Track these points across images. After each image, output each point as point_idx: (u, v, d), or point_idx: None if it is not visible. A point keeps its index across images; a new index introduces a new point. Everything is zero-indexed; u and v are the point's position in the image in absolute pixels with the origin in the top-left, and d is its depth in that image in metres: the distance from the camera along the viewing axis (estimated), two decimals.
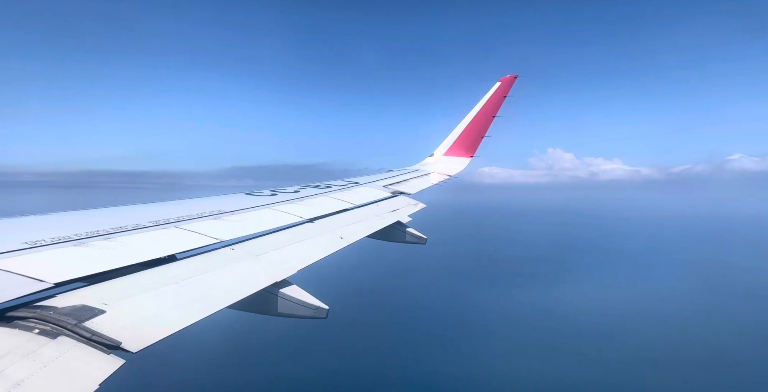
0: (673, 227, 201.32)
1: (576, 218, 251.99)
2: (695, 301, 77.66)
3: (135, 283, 2.98)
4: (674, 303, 76.37)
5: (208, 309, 2.89)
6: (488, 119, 12.49)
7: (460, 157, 12.79)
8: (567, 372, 50.46)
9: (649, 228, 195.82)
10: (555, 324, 65.63)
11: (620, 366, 51.80)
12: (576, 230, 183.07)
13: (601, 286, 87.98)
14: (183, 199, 5.77)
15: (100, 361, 2.11)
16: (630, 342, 58.82)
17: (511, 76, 12.65)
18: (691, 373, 49.89)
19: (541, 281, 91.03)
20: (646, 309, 73.19)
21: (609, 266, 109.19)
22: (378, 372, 49.73)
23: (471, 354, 54.32)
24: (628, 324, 65.97)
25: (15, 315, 2.26)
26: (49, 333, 2.17)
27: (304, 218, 5.50)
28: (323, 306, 3.83)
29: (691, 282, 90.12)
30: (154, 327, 2.52)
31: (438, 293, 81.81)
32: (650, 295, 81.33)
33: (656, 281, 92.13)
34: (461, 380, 48.56)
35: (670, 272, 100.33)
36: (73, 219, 4.11)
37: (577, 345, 57.58)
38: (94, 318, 2.38)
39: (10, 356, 1.94)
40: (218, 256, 3.81)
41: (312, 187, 7.77)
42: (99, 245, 3.32)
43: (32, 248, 3.05)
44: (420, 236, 7.10)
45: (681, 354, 54.78)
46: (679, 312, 71.48)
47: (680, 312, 71.53)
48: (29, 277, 2.59)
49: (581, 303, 75.43)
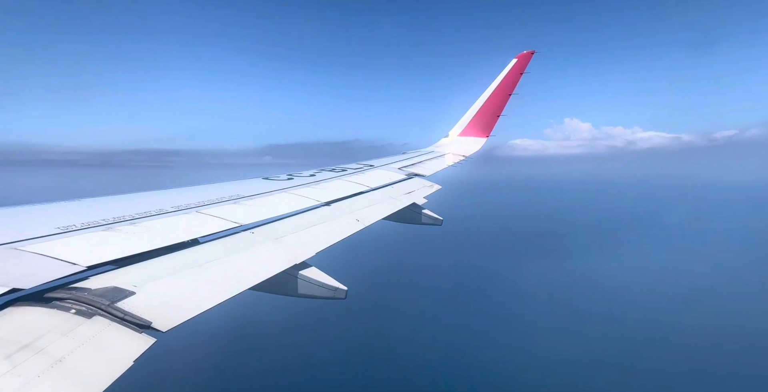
0: (720, 195, 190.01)
1: (610, 189, 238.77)
2: (743, 275, 72.23)
3: (161, 266, 3.11)
4: (724, 277, 71.46)
5: (232, 291, 3.00)
6: (504, 97, 12.14)
7: (475, 137, 12.56)
8: (609, 349, 48.71)
9: (692, 197, 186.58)
10: (590, 299, 63.72)
11: (664, 343, 49.50)
12: (611, 203, 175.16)
13: (640, 259, 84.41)
14: (204, 184, 5.90)
15: (132, 340, 2.24)
16: (674, 319, 55.89)
17: (528, 52, 12.17)
18: (739, 355, 46.43)
19: (573, 255, 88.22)
20: (691, 283, 69.08)
21: (649, 239, 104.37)
22: (398, 352, 50.53)
23: (500, 335, 53.28)
24: (671, 299, 62.40)
25: (53, 296, 2.40)
26: (85, 313, 2.30)
27: (320, 201, 5.55)
28: (342, 287, 3.91)
29: (740, 254, 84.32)
30: (181, 308, 2.64)
31: (464, 269, 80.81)
32: (694, 267, 77.08)
33: (700, 253, 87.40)
34: (493, 360, 47.88)
35: (717, 243, 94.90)
36: (101, 205, 4.27)
37: (614, 321, 55.51)
38: (125, 299, 2.51)
39: (50, 334, 2.08)
40: (239, 240, 3.91)
41: (328, 170, 7.81)
42: (126, 230, 3.45)
43: (65, 233, 3.19)
44: (436, 218, 7.09)
45: (726, 331, 51.24)
46: (728, 286, 66.79)
47: (729, 286, 66.77)
48: (64, 260, 2.73)
49: (618, 277, 72.40)
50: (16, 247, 2.82)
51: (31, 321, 2.16)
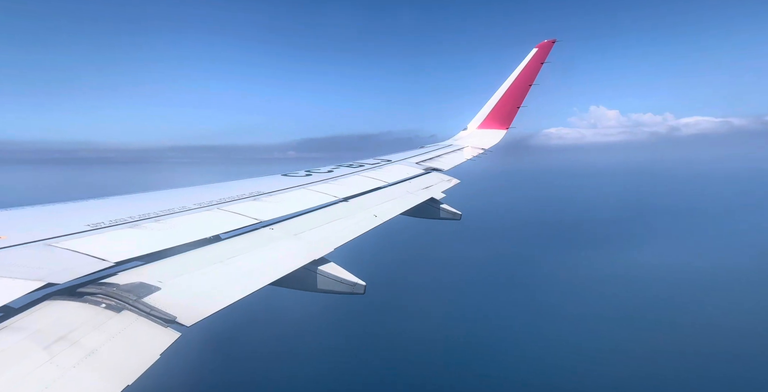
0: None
1: (653, 178, 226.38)
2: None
3: (185, 262, 3.20)
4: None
5: (253, 286, 3.06)
6: (524, 88, 11.85)
7: (494, 129, 12.33)
8: (647, 343, 46.75)
9: (745, 183, 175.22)
10: (629, 291, 61.33)
11: (708, 340, 47.20)
12: (654, 191, 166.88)
13: (683, 249, 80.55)
14: (224, 182, 6.03)
15: (159, 333, 2.32)
16: (721, 313, 53.06)
17: (549, 41, 11.81)
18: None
19: (612, 245, 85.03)
20: (737, 275, 65.29)
21: (694, 229, 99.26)
22: (416, 347, 50.29)
23: (530, 330, 51.88)
24: (716, 291, 58.96)
25: (84, 290, 2.51)
26: (114, 308, 2.40)
27: (338, 197, 5.59)
28: (360, 282, 3.94)
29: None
30: (205, 303, 2.72)
31: (487, 262, 79.25)
32: (740, 258, 73.10)
33: (747, 243, 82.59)
34: (528, 354, 46.99)
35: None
36: (127, 203, 4.44)
37: (654, 316, 53.28)
38: (152, 295, 2.61)
39: (83, 327, 2.18)
40: (259, 236, 3.98)
41: (345, 166, 7.84)
42: (151, 227, 3.57)
43: (94, 230, 3.33)
44: (455, 212, 7.03)
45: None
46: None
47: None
48: (94, 256, 2.85)
49: (659, 269, 69.17)
50: (50, 243, 2.96)
51: (66, 314, 2.27)
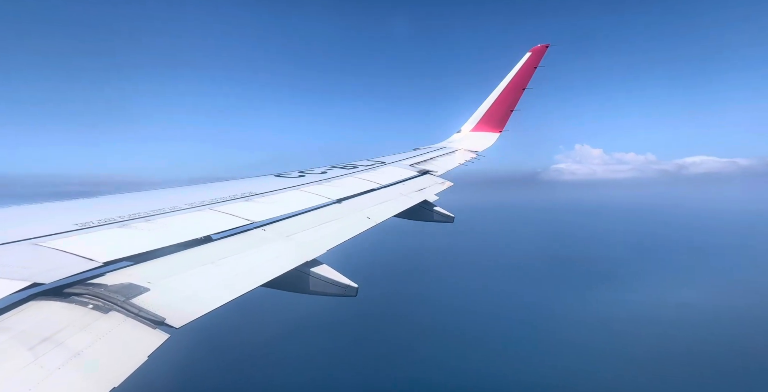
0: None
1: (660, 215, 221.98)
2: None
3: (175, 263, 3.16)
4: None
5: (244, 288, 3.03)
6: (518, 91, 11.97)
7: (488, 132, 12.42)
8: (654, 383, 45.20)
9: (752, 222, 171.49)
10: (629, 328, 59.57)
11: (714, 381, 45.72)
12: (659, 229, 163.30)
13: (687, 287, 78.46)
14: (216, 182, 5.97)
15: (147, 335, 2.28)
16: (724, 353, 51.46)
17: (542, 45, 11.95)
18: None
19: (616, 282, 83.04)
20: (743, 314, 63.42)
21: (699, 266, 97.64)
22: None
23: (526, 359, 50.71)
24: (725, 330, 57.24)
25: (71, 291, 2.46)
26: (102, 308, 2.36)
27: (331, 199, 5.57)
28: (353, 285, 3.92)
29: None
30: (194, 305, 2.68)
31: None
32: (748, 297, 70.75)
33: (753, 282, 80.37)
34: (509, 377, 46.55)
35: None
36: (117, 202, 4.37)
37: (657, 353, 52.01)
38: (140, 296, 2.56)
39: (69, 328, 2.14)
40: (251, 237, 3.94)
41: (339, 168, 7.81)
42: (141, 227, 3.51)
43: (82, 229, 3.27)
44: (447, 215, 7.04)
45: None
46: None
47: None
48: (81, 256, 2.80)
49: (657, 308, 67.33)
50: (36, 243, 2.90)
51: (52, 315, 2.22)
